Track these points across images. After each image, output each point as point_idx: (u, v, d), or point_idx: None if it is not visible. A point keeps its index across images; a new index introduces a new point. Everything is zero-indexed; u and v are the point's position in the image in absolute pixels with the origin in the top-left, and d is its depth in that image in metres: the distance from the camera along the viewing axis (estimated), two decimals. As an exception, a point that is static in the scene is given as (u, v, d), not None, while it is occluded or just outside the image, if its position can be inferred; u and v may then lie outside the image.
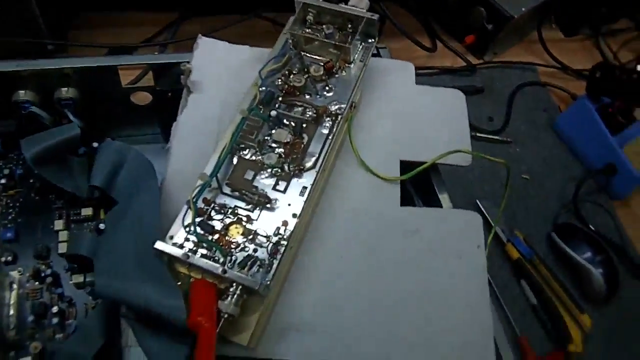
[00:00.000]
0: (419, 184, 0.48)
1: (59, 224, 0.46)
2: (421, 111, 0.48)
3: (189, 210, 0.37)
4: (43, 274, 0.43)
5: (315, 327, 0.38)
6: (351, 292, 0.40)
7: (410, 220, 0.43)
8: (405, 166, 0.46)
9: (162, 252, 0.35)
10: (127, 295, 0.33)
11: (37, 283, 0.43)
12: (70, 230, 0.46)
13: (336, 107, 0.43)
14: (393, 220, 0.42)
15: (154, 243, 0.35)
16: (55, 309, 0.42)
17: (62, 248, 0.45)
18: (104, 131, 0.56)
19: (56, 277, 0.44)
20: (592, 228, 0.70)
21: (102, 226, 0.45)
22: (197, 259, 0.34)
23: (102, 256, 0.36)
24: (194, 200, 0.37)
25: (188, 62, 0.50)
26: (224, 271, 0.34)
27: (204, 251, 0.37)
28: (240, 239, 0.37)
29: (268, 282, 0.35)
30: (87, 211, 0.47)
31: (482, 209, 0.66)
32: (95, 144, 0.50)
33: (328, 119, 0.43)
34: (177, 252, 0.34)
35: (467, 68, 0.81)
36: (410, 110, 0.48)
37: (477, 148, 0.53)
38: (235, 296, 0.34)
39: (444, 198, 0.47)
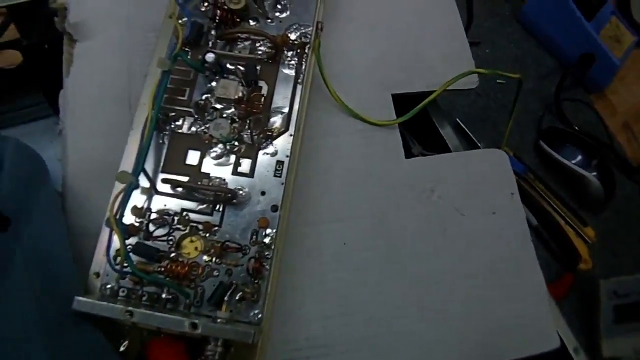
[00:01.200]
0: (410, 121, 0.36)
1: None
2: (404, 23, 0.36)
3: (112, 232, 0.24)
4: None
5: (329, 346, 0.28)
6: (366, 288, 0.29)
7: (422, 177, 0.32)
8: (397, 100, 0.34)
9: (86, 315, 0.22)
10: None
11: None
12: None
13: (298, 32, 0.30)
14: (401, 179, 0.31)
15: (70, 300, 0.22)
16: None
17: None
18: None
19: None
20: (577, 128, 0.64)
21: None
22: (147, 316, 0.22)
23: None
24: (118, 216, 0.24)
25: (59, -4, 0.34)
26: (194, 325, 0.21)
27: (151, 288, 0.24)
28: (201, 258, 0.25)
29: (260, 317, 0.24)
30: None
31: (466, 129, 0.56)
32: (-48, 137, 0.34)
33: (290, 52, 0.29)
34: (112, 310, 0.22)
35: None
36: (390, 23, 0.36)
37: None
38: (217, 356, 0.22)
39: (448, 135, 0.36)
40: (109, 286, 0.24)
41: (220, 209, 0.26)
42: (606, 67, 0.65)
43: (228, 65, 0.29)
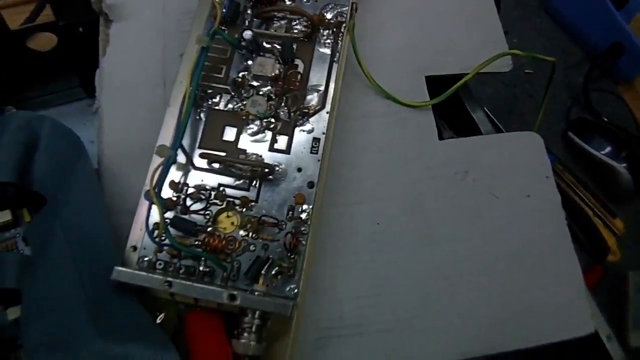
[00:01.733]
0: (441, 104, 0.36)
1: (-30, 242, 0.32)
2: (440, 6, 0.35)
3: (152, 205, 0.24)
4: None
5: (362, 326, 0.28)
6: (400, 269, 0.29)
7: (456, 158, 0.31)
8: (430, 84, 0.33)
9: (126, 284, 0.22)
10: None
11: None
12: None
13: (334, 12, 0.30)
14: (435, 161, 0.31)
15: (110, 270, 0.22)
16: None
17: (-18, 275, 0.31)
18: (2, 97, 0.42)
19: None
20: (606, 119, 0.63)
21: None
22: (186, 286, 0.22)
23: (31, 313, 0.23)
24: (156, 189, 0.24)
25: (96, -23, 0.34)
26: (232, 297, 0.22)
27: (188, 262, 0.24)
28: (238, 233, 0.25)
29: (295, 291, 0.24)
30: (3, 216, 0.33)
31: (494, 119, 0.56)
32: (-8, 118, 0.35)
33: (327, 31, 0.29)
34: (151, 280, 0.22)
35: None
36: (425, 5, 0.35)
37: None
38: (254, 328, 0.22)
39: (480, 119, 0.36)
40: (146, 259, 0.25)
41: (257, 185, 0.26)
42: (635, 57, 0.64)
43: (265, 44, 0.29)
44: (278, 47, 0.29)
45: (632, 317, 0.48)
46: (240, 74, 0.28)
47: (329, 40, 0.29)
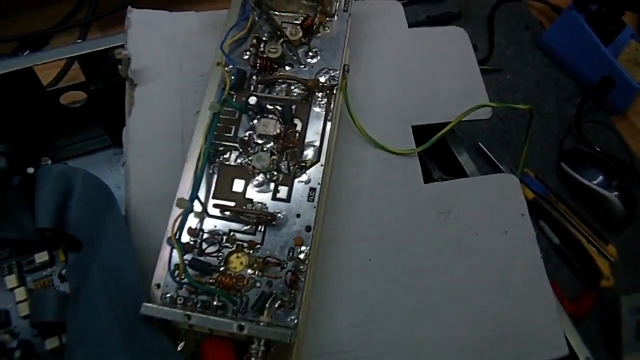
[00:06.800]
0: (430, 148, 0.40)
1: (11, 280, 0.37)
2: (423, 60, 0.40)
3: (173, 249, 0.29)
4: (8, 346, 0.34)
5: (357, 350, 0.31)
6: (390, 299, 0.33)
7: (439, 199, 0.35)
8: (418, 130, 0.38)
9: (152, 317, 0.26)
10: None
11: None
12: (25, 284, 0.37)
13: (327, 76, 0.34)
14: (420, 202, 0.35)
15: (139, 306, 0.26)
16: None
17: (24, 309, 0.35)
18: (37, 147, 0.46)
19: (27, 347, 0.34)
20: (598, 149, 0.65)
21: (64, 272, 0.36)
22: (202, 319, 0.26)
23: (75, 342, 0.27)
24: (177, 236, 0.29)
25: (122, 47, 0.39)
26: (241, 327, 0.26)
27: (204, 297, 0.28)
28: (246, 271, 0.29)
29: (296, 322, 0.28)
30: (41, 256, 0.38)
31: (488, 152, 0.59)
32: (30, 170, 0.39)
33: (321, 94, 0.34)
34: (174, 314, 0.26)
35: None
36: (409, 61, 0.40)
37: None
38: (260, 354, 0.26)
39: (465, 161, 0.40)
40: (168, 295, 0.29)
41: (262, 230, 0.30)
42: (625, 90, 0.67)
43: (268, 106, 0.33)
44: (279, 108, 0.33)
45: (625, 341, 0.49)
46: (247, 133, 0.33)
47: (323, 101, 0.33)
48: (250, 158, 0.32)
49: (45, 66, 0.45)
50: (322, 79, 0.34)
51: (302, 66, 0.35)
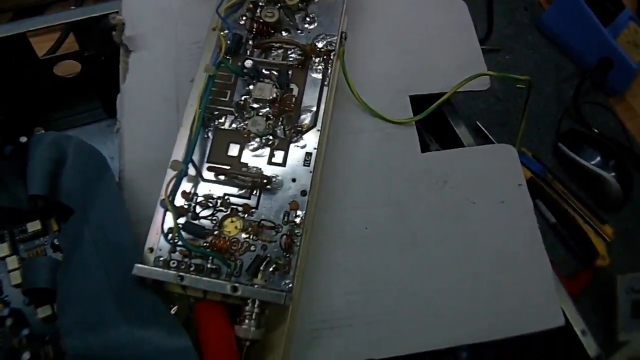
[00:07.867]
0: (428, 120, 0.40)
1: (3, 249, 0.36)
2: (421, 30, 0.39)
3: (166, 212, 0.28)
4: (0, 315, 0.34)
5: (352, 318, 0.31)
6: (386, 268, 0.32)
7: (436, 169, 0.35)
8: (415, 102, 0.37)
9: (144, 279, 0.26)
10: (113, 351, 0.24)
11: (-4, 328, 0.33)
12: (18, 253, 0.36)
13: (325, 42, 0.34)
14: (417, 172, 0.35)
15: (131, 267, 0.26)
16: (27, 355, 0.32)
17: (16, 278, 0.35)
18: (31, 119, 0.46)
19: (18, 315, 0.34)
20: (596, 130, 0.65)
21: (57, 241, 0.35)
22: (195, 280, 0.26)
23: (66, 301, 0.27)
24: (170, 198, 0.28)
25: (117, 13, 0.38)
26: (235, 288, 0.25)
27: (198, 260, 0.28)
28: (240, 235, 0.29)
29: (290, 286, 0.27)
30: (34, 225, 0.37)
31: (485, 130, 0.59)
32: (23, 139, 0.38)
33: (318, 59, 0.33)
34: (166, 275, 0.26)
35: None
36: (408, 31, 0.39)
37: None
38: (254, 316, 0.26)
39: (462, 133, 0.39)
40: (162, 258, 0.28)
41: (257, 194, 0.30)
42: (624, 71, 0.66)
43: (264, 71, 0.33)
44: (275, 73, 0.33)
45: (621, 320, 0.49)
46: (243, 98, 0.32)
47: (320, 67, 0.33)
48: (246, 122, 0.31)
49: (40, 38, 0.45)
50: (319, 45, 0.34)
51: (299, 32, 0.34)
